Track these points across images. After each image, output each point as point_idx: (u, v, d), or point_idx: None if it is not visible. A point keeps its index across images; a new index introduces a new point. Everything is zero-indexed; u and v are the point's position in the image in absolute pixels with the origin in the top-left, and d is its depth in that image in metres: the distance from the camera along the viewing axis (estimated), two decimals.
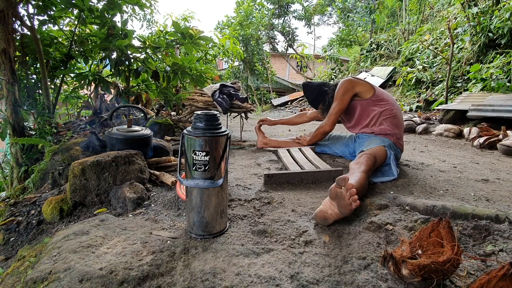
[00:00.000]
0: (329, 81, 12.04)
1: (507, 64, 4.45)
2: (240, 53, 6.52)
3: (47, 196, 1.79)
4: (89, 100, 4.38)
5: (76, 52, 3.59)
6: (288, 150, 2.30)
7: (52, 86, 3.71)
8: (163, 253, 1.01)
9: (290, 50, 16.79)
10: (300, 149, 2.31)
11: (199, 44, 3.27)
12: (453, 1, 6.66)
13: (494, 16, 4.89)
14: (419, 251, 0.88)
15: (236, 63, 13.73)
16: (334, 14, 17.13)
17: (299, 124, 2.78)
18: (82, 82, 3.29)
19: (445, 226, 0.89)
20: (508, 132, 2.95)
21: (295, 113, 8.02)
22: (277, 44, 16.55)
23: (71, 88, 4.28)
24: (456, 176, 1.90)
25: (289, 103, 10.13)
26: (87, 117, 4.08)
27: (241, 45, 12.92)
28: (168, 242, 1.09)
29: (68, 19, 3.72)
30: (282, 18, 16.06)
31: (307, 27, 17.06)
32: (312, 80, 14.31)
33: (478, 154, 2.65)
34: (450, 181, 1.78)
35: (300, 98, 10.07)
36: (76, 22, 3.38)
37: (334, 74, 12.29)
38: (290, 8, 15.87)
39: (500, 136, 2.89)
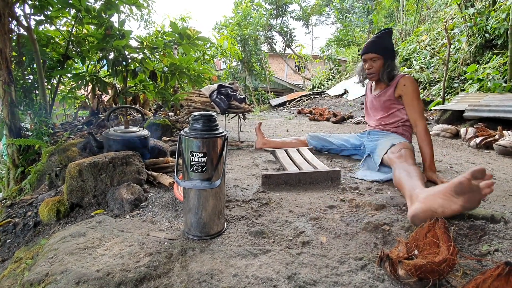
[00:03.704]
0: (327, 81, 12.07)
1: (503, 65, 4.48)
2: (238, 53, 6.52)
3: (44, 198, 1.79)
4: (86, 100, 4.36)
5: (73, 52, 3.58)
6: (286, 151, 2.30)
7: (49, 87, 3.70)
8: (161, 254, 1.01)
9: (288, 51, 16.81)
10: (298, 150, 2.31)
11: (196, 45, 3.27)
12: (450, 1, 6.70)
13: (490, 17, 4.92)
14: (416, 252, 0.89)
15: (234, 64, 13.75)
16: (332, 15, 17.18)
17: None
18: (79, 82, 3.28)
19: (441, 226, 0.89)
20: (504, 132, 2.97)
21: (294, 113, 8.02)
22: (275, 45, 16.58)
23: (68, 88, 4.27)
24: (452, 176, 1.91)
25: (287, 103, 10.12)
26: (84, 118, 4.07)
27: (239, 45, 12.92)
28: (166, 243, 1.09)
29: (65, 19, 3.72)
30: (280, 19, 16.08)
31: (305, 27, 17.10)
32: (310, 80, 14.33)
33: (475, 154, 2.66)
34: None
35: (298, 98, 10.07)
36: (73, 22, 3.38)
37: (332, 74, 12.32)
38: (288, 8, 15.90)
39: (497, 136, 2.90)
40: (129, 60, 3.28)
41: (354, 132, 2.43)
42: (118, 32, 3.09)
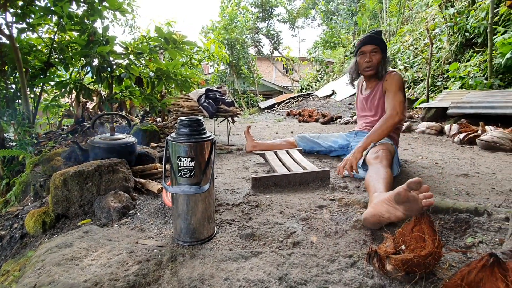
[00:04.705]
0: (315, 83, 12.19)
1: (484, 62, 4.63)
2: (226, 57, 6.52)
3: (30, 209, 1.74)
4: (71, 108, 4.28)
5: (56, 60, 3.51)
6: (275, 153, 2.31)
7: (32, 95, 3.61)
8: (150, 262, 1.00)
9: (276, 53, 16.95)
10: (287, 151, 2.33)
11: (183, 49, 3.25)
12: (431, 2, 6.89)
13: (470, 16, 5.09)
14: (403, 246, 0.91)
15: (222, 67, 13.75)
16: (317, 17, 17.42)
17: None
18: (63, 90, 3.21)
19: (426, 221, 0.91)
20: (486, 127, 3.07)
21: (283, 115, 8.06)
22: (262, 48, 16.69)
23: (52, 96, 4.18)
24: (438, 172, 1.95)
25: (276, 106, 10.18)
26: (68, 126, 3.98)
27: (226, 49, 12.94)
28: (155, 250, 1.07)
29: (47, 26, 3.64)
30: (267, 22, 16.22)
31: (292, 30, 17.28)
32: (298, 81, 14.46)
33: (459, 150, 2.73)
34: (432, 177, 1.83)
35: (287, 100, 10.13)
36: (55, 29, 3.31)
37: (320, 75, 12.46)
38: (274, 11, 16.05)
39: (479, 132, 2.99)
40: (114, 66, 3.24)
41: (343, 132, 2.46)
42: (102, 38, 3.04)
